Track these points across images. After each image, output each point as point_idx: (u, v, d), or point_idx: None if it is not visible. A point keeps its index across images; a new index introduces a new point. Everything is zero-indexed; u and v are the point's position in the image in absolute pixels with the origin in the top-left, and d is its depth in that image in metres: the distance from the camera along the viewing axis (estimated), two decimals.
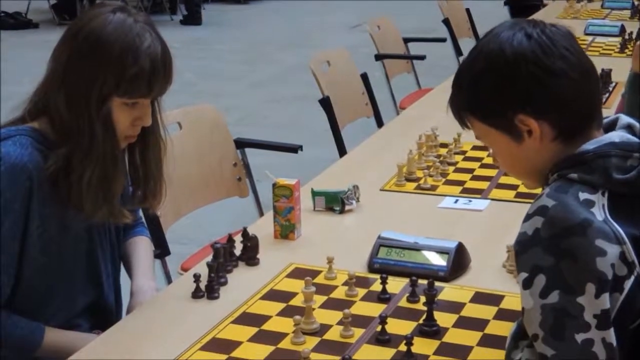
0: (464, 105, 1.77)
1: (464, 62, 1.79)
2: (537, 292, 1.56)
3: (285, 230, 2.53)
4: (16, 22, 11.50)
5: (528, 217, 1.62)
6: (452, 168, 3.10)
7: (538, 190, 1.73)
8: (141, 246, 2.47)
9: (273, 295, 2.21)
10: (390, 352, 1.93)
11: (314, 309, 2.06)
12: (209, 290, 2.20)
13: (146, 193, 2.27)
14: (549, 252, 1.56)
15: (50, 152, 2.08)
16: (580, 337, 1.53)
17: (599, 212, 1.59)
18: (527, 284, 1.58)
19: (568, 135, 1.70)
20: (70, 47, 2.09)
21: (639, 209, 1.62)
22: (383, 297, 2.17)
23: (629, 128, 1.73)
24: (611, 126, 1.75)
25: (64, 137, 2.09)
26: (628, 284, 1.56)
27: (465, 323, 2.05)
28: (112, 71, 2.04)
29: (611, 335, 1.53)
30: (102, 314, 2.34)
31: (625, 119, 1.76)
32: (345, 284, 2.22)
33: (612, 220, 1.58)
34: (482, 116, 1.75)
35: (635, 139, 1.68)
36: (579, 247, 1.55)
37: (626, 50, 5.03)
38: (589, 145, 1.67)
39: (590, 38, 5.45)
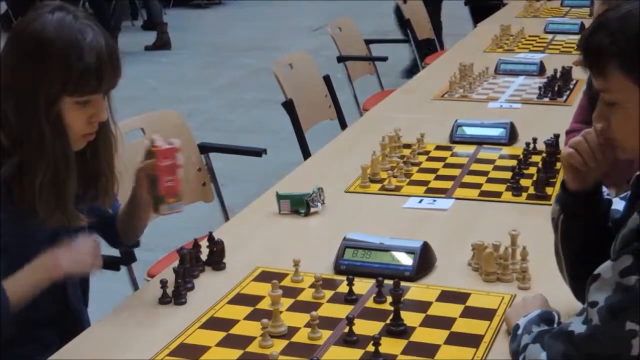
0: (614, 51, 1.67)
1: (612, 10, 1.69)
2: (619, 268, 1.59)
3: (156, 203, 2.30)
4: None
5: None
6: (415, 168, 3.11)
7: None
8: None
9: (240, 299, 2.21)
10: (358, 352, 1.94)
11: (281, 312, 2.06)
12: (176, 295, 2.20)
13: (98, 190, 2.25)
14: None
15: (4, 161, 2.06)
16: (629, 326, 1.56)
17: None
18: (614, 258, 1.61)
19: None
20: (13, 52, 2.08)
21: None
22: (350, 298, 2.18)
23: None
24: None
25: (14, 144, 2.07)
26: None
27: (431, 322, 2.07)
28: (57, 71, 2.03)
29: None
30: (68, 324, 2.30)
31: None
32: (312, 286, 2.23)
33: None
34: (629, 69, 1.66)
35: None
36: None
37: None
38: None
39: (550, 36, 5.50)
